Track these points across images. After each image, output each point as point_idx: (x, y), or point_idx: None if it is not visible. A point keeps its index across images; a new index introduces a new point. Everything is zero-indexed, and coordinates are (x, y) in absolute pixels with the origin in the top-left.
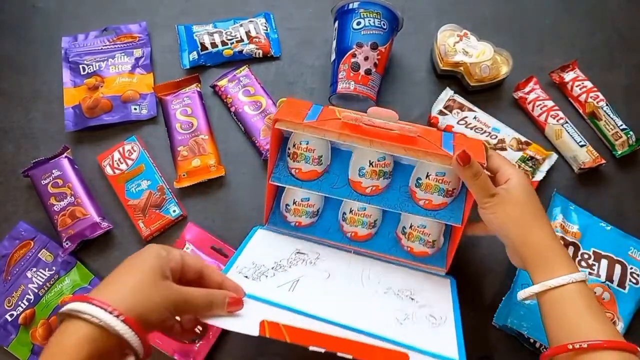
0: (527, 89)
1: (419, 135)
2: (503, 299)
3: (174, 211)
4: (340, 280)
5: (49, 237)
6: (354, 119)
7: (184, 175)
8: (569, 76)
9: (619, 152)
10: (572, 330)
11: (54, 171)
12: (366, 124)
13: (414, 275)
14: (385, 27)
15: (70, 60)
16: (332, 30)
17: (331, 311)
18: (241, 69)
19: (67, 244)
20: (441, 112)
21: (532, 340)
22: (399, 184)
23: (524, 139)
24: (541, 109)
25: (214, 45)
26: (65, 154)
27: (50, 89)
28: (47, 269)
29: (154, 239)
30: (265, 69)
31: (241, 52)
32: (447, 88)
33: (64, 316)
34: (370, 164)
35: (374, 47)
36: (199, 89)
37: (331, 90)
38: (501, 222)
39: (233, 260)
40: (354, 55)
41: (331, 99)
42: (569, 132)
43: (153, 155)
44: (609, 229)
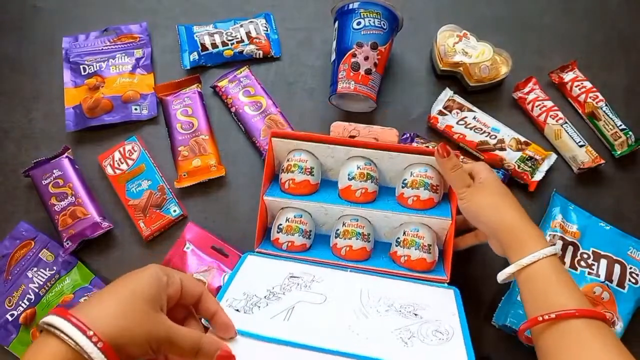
0: (526, 89)
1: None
2: (503, 298)
3: (175, 211)
4: (338, 302)
5: (49, 237)
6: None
7: (184, 175)
8: (568, 76)
9: (618, 152)
10: (543, 303)
11: (54, 171)
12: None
13: (415, 289)
14: (385, 27)
15: (70, 60)
16: (332, 31)
17: (331, 339)
18: (241, 69)
19: (67, 243)
20: (441, 112)
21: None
22: (387, 197)
23: (523, 139)
24: (540, 109)
25: (214, 45)
26: (66, 154)
27: (50, 89)
28: (47, 269)
29: (154, 238)
30: (266, 70)
31: (241, 52)
32: (447, 88)
33: (42, 327)
34: (358, 168)
35: (374, 47)
36: (199, 90)
37: (331, 90)
38: (478, 207)
39: (223, 291)
40: (354, 55)
41: (331, 98)
42: (568, 132)
43: (153, 155)
44: (608, 228)
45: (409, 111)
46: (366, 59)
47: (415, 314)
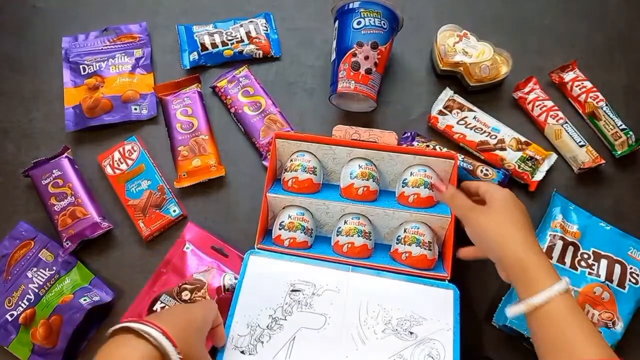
0: (526, 89)
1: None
2: (503, 298)
3: (174, 211)
4: (338, 325)
5: (49, 237)
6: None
7: (184, 175)
8: (568, 76)
9: (619, 152)
10: (561, 352)
11: (54, 171)
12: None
13: (415, 292)
14: (385, 26)
15: (70, 60)
16: (332, 31)
17: None
18: (240, 69)
19: (67, 243)
20: (441, 112)
21: (532, 340)
22: (387, 198)
23: (523, 139)
24: (541, 109)
25: (214, 45)
26: (66, 154)
27: (50, 89)
28: (47, 269)
29: (154, 238)
30: (266, 70)
31: (241, 52)
32: (447, 88)
33: (129, 331)
34: (360, 167)
35: (374, 46)
36: (199, 89)
37: (331, 89)
38: (481, 233)
39: (228, 327)
40: (354, 55)
41: (331, 98)
42: (568, 132)
43: (153, 155)
44: (608, 228)
45: (409, 111)
46: (366, 58)
47: (411, 332)
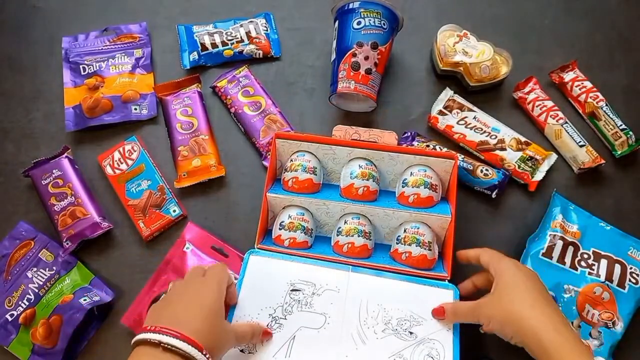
0: (526, 89)
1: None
2: None
3: (174, 211)
4: (337, 325)
5: (49, 237)
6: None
7: (184, 175)
8: (568, 76)
9: (619, 152)
10: None
11: (54, 171)
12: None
13: (415, 292)
14: (385, 26)
15: (70, 60)
16: (332, 30)
17: None
18: (240, 69)
19: (67, 243)
20: (441, 112)
21: None
22: (387, 199)
23: (523, 139)
24: (541, 109)
25: (214, 45)
26: (66, 154)
27: (50, 89)
28: (47, 269)
29: (154, 238)
30: (266, 70)
31: (241, 52)
32: (447, 88)
33: (148, 343)
34: (360, 167)
35: (374, 46)
36: (199, 89)
37: (331, 89)
38: (498, 326)
39: (230, 321)
40: (354, 55)
41: (331, 98)
42: (568, 132)
43: (153, 155)
44: (608, 228)
45: (409, 111)
46: (366, 58)
47: (411, 332)
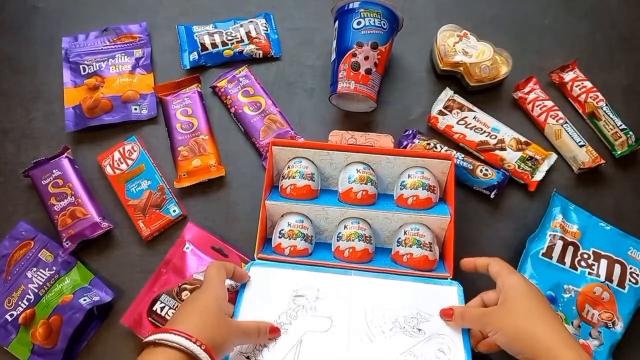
0: (526, 89)
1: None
2: None
3: (174, 211)
4: (344, 327)
5: (49, 237)
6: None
7: (184, 175)
8: (568, 76)
9: (619, 152)
10: None
11: (54, 171)
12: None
13: (419, 290)
14: (385, 27)
15: (70, 60)
16: (332, 30)
17: None
18: (240, 69)
19: (67, 243)
20: (441, 112)
21: None
22: (385, 202)
23: (523, 139)
24: (541, 109)
25: (214, 45)
26: (66, 154)
27: (50, 89)
28: (47, 269)
29: (154, 238)
30: (266, 70)
31: (241, 52)
32: (447, 88)
33: (150, 344)
34: (358, 171)
35: (374, 46)
36: (199, 89)
37: (331, 90)
38: (506, 338)
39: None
40: (354, 55)
41: (331, 98)
42: (568, 132)
43: (153, 155)
44: (608, 228)
45: (409, 111)
46: (366, 58)
47: (419, 329)
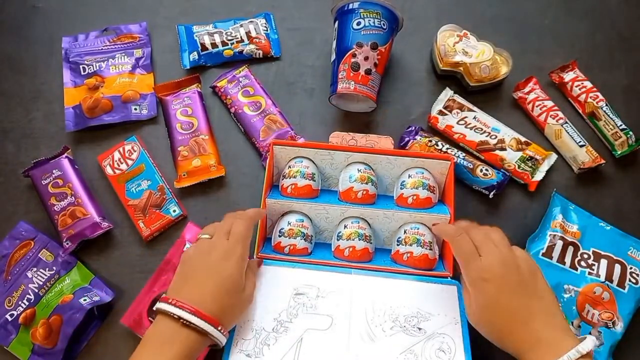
0: (526, 89)
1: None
2: None
3: (174, 211)
4: (345, 325)
5: (49, 237)
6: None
7: (184, 175)
8: (568, 76)
9: (619, 152)
10: None
11: (54, 171)
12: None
13: (419, 290)
14: (385, 27)
15: (70, 60)
16: (332, 31)
17: None
18: (240, 69)
19: (67, 243)
20: (441, 112)
21: None
22: (385, 202)
23: (523, 139)
24: (541, 109)
25: (214, 45)
26: (66, 154)
27: (50, 89)
28: (47, 269)
29: (154, 238)
30: (266, 70)
31: (241, 52)
32: (447, 88)
33: (170, 316)
34: (359, 171)
35: (374, 47)
36: (199, 89)
37: (331, 90)
38: (486, 330)
39: (232, 331)
40: (354, 55)
41: (331, 99)
42: (568, 132)
43: (153, 155)
44: (608, 228)
45: (409, 111)
46: (366, 59)
47: (420, 328)
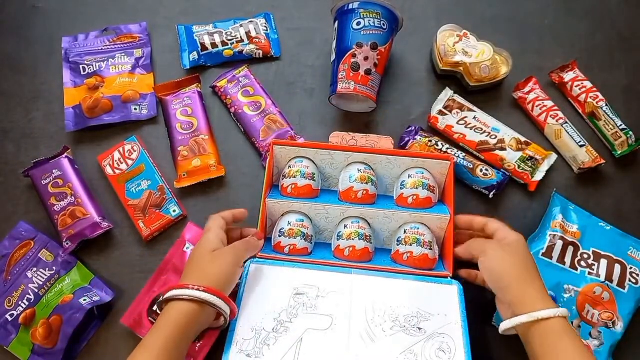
0: (526, 89)
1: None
2: None
3: (174, 211)
4: (345, 325)
5: (49, 237)
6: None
7: (184, 175)
8: (568, 76)
9: (619, 152)
10: None
11: (54, 171)
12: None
13: (419, 290)
14: (385, 27)
15: (70, 60)
16: (332, 31)
17: None
18: (240, 69)
19: (67, 243)
20: (441, 112)
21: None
22: (386, 202)
23: (523, 139)
24: (541, 109)
25: (214, 45)
26: (66, 154)
27: (50, 89)
28: (47, 269)
29: (154, 238)
30: (266, 70)
31: (241, 52)
32: (447, 88)
33: (163, 303)
34: (359, 171)
35: (374, 47)
36: (199, 89)
37: (331, 90)
38: (498, 266)
39: (232, 331)
40: (354, 56)
41: (331, 99)
42: (568, 132)
43: (153, 155)
44: (608, 228)
45: (409, 111)
46: (366, 59)
47: (420, 328)
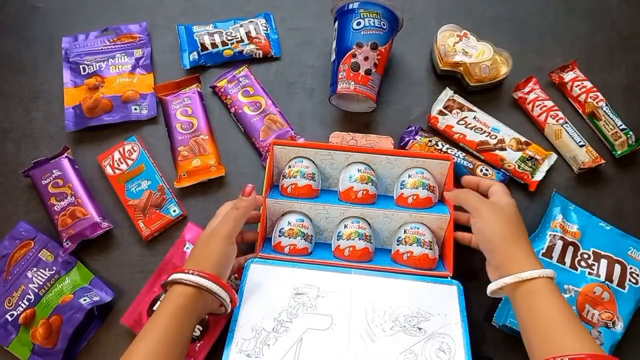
0: (526, 89)
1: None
2: (502, 298)
3: (174, 211)
4: (345, 325)
5: (49, 237)
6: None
7: (184, 175)
8: (568, 76)
9: (619, 152)
10: (551, 341)
11: (54, 171)
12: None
13: (419, 289)
14: (385, 27)
15: (70, 60)
16: (332, 31)
17: None
18: (240, 69)
19: (67, 243)
20: (441, 112)
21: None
22: (385, 202)
23: (523, 139)
24: (541, 109)
25: (214, 45)
26: (66, 154)
27: (50, 89)
28: (47, 269)
29: (154, 238)
30: (266, 69)
31: (241, 52)
32: (447, 88)
33: (167, 285)
34: (359, 171)
35: (374, 47)
36: (199, 89)
37: (331, 90)
38: (489, 226)
39: (232, 331)
40: (354, 56)
41: (331, 99)
42: (568, 132)
43: (153, 155)
44: (608, 228)
45: (409, 111)
46: (366, 59)
47: (420, 328)
